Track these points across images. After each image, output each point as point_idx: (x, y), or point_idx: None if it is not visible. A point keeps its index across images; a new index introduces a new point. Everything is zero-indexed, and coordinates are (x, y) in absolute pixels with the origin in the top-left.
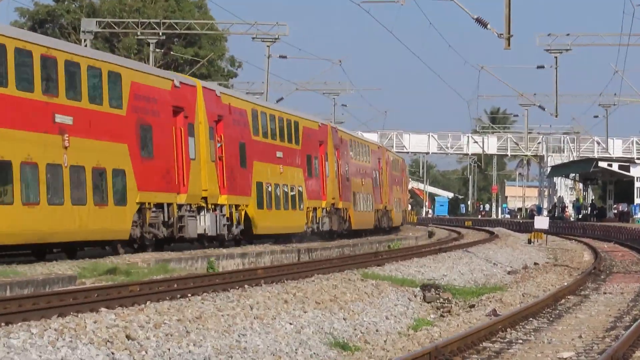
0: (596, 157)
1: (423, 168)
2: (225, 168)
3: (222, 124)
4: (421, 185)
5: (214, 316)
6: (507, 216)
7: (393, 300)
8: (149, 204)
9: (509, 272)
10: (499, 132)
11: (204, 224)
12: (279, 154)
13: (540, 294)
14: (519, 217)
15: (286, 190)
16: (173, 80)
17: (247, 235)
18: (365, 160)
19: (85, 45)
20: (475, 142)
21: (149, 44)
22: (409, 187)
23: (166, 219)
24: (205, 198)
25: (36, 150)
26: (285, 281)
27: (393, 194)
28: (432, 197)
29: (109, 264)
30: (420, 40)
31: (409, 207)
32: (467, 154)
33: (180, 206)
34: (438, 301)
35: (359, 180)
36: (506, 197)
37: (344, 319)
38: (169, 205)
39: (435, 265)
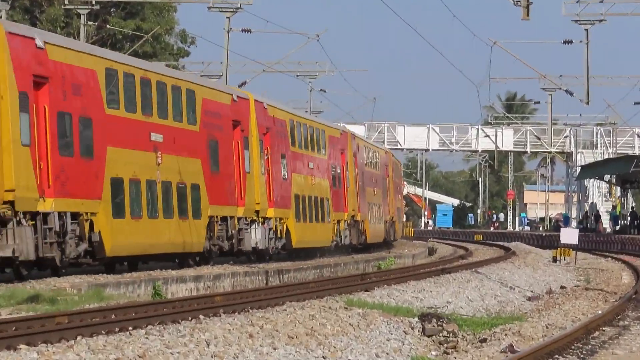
0: (637, 153)
1: (422, 169)
2: (272, 181)
3: (268, 136)
4: (419, 191)
5: (161, 354)
6: (527, 228)
7: (385, 333)
8: (217, 217)
9: (529, 298)
10: (516, 123)
11: (255, 237)
12: (311, 165)
13: (568, 325)
14: (541, 229)
15: (316, 202)
16: (232, 95)
17: (285, 249)
18: (376, 168)
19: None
20: (487, 135)
21: (79, 16)
22: (404, 192)
23: (229, 232)
24: (257, 211)
25: (139, 168)
26: (251, 310)
27: (396, 203)
28: (432, 204)
29: (30, 290)
30: (417, 10)
31: (404, 217)
32: (476, 151)
33: (239, 219)
34: (441, 334)
35: (372, 189)
36: (525, 204)
37: (323, 357)
38: (231, 218)
39: (437, 290)
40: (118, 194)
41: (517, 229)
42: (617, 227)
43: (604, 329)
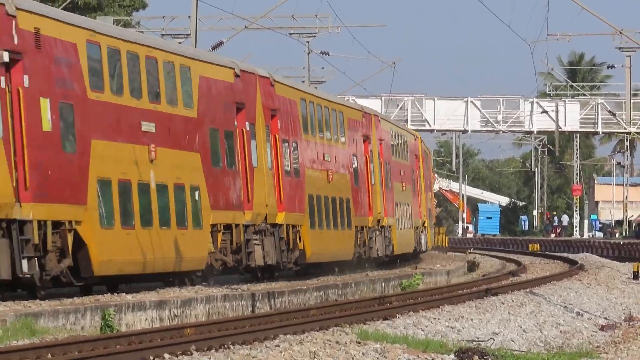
0: None
1: (458, 157)
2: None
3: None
4: (455, 186)
5: None
6: (599, 234)
7: None
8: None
9: (602, 327)
10: (584, 94)
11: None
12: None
13: None
14: (617, 235)
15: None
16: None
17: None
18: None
19: None
20: (544, 111)
21: None
22: (435, 188)
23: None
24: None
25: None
26: (232, 347)
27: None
28: (473, 204)
29: None
30: None
31: (434, 220)
32: (530, 132)
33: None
34: None
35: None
36: (596, 202)
37: None
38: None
39: (480, 318)
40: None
41: (585, 235)
42: None
43: None
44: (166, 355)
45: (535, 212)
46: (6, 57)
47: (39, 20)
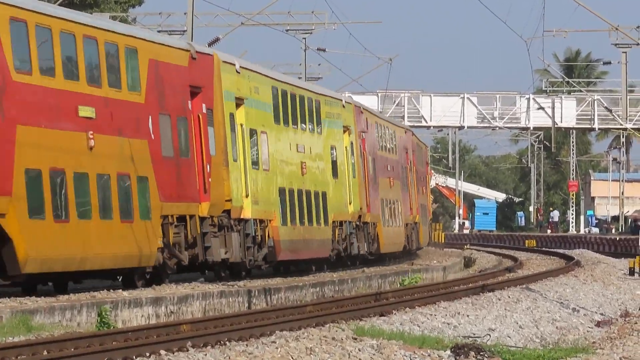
0: None
1: (454, 153)
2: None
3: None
4: (451, 182)
5: None
6: (595, 230)
7: None
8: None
9: (598, 323)
10: (580, 91)
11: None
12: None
13: None
14: (613, 231)
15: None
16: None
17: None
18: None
19: None
20: (541, 108)
21: None
22: (432, 184)
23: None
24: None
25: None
26: (228, 343)
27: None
28: (469, 200)
29: None
30: None
31: (430, 217)
32: (526, 129)
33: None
34: None
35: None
36: (592, 198)
37: None
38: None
39: (476, 314)
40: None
41: (582, 231)
42: None
43: None
44: (162, 352)
45: (531, 208)
46: None
47: None
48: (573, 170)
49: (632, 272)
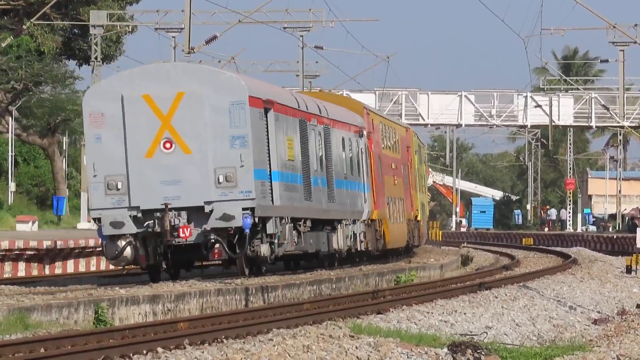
0: None
1: (452, 151)
2: None
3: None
4: (449, 180)
5: None
6: (592, 228)
7: None
8: None
9: (595, 321)
10: (577, 89)
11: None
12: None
13: None
14: (610, 229)
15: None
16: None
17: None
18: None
19: None
20: (538, 106)
21: None
22: (429, 182)
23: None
24: None
25: None
26: (225, 341)
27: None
28: (467, 198)
29: None
30: None
31: (427, 214)
32: (524, 127)
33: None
34: None
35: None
36: (590, 196)
37: None
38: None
39: (473, 312)
40: None
41: (579, 229)
42: None
43: None
44: (159, 350)
45: (528, 206)
46: None
47: None
48: (570, 168)
49: (629, 270)
